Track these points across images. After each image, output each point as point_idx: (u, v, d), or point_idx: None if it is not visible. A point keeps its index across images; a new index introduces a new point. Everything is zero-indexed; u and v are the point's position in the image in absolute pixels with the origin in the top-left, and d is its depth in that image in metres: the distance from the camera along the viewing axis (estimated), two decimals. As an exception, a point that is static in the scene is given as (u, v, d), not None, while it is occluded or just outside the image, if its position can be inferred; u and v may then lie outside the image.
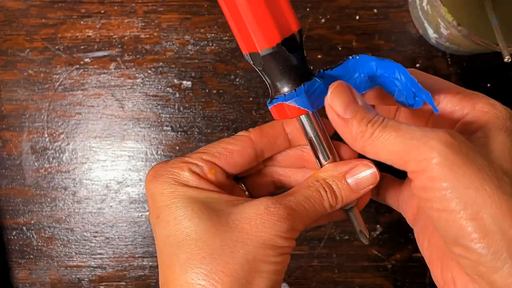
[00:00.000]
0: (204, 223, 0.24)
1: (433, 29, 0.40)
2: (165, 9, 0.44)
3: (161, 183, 0.26)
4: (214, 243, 0.24)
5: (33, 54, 0.44)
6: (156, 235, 0.26)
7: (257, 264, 0.24)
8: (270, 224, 0.24)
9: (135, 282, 0.44)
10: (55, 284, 0.44)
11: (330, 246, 0.43)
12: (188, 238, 0.24)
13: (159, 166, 0.27)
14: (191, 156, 0.27)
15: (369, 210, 0.43)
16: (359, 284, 0.43)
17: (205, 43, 0.44)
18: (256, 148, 0.28)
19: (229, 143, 0.28)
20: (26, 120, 0.44)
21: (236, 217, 0.24)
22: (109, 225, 0.44)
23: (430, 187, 0.21)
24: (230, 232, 0.24)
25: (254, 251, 0.24)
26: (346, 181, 0.27)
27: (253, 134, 0.28)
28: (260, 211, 0.24)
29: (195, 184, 0.26)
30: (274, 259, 0.24)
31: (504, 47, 0.33)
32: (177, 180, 0.26)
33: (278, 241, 0.24)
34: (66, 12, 0.44)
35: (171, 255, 0.25)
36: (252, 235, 0.24)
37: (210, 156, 0.27)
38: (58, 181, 0.44)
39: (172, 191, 0.26)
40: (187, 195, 0.26)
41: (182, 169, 0.27)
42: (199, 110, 0.43)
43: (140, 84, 0.44)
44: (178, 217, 0.25)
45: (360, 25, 0.43)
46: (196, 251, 0.24)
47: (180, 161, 0.27)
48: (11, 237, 0.44)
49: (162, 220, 0.25)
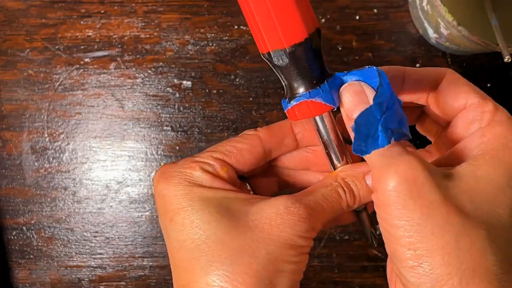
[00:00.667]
0: (223, 224, 0.24)
1: (433, 29, 0.40)
2: (165, 9, 0.44)
3: (174, 185, 0.25)
4: (236, 245, 0.23)
5: (33, 54, 0.44)
6: (170, 238, 0.25)
7: (279, 264, 0.24)
8: (291, 224, 0.24)
9: (135, 282, 0.44)
10: (55, 284, 0.44)
11: (330, 246, 0.43)
12: (208, 240, 0.24)
13: (168, 167, 0.26)
14: (201, 156, 0.27)
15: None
16: (359, 284, 0.43)
17: (205, 43, 0.44)
18: (264, 147, 0.28)
19: (238, 141, 0.27)
20: (26, 120, 0.44)
21: (255, 217, 0.24)
22: (109, 225, 0.44)
23: (380, 207, 0.23)
24: (251, 232, 0.24)
25: (276, 251, 0.24)
26: (365, 181, 0.27)
27: (261, 133, 0.28)
28: (280, 210, 0.24)
29: (209, 184, 0.26)
30: (295, 258, 0.24)
31: (504, 47, 0.33)
32: (190, 181, 0.25)
33: (299, 241, 0.24)
34: (66, 12, 0.44)
35: (189, 259, 0.24)
36: (273, 235, 0.24)
37: (220, 154, 0.27)
38: (58, 181, 0.44)
39: (187, 192, 0.25)
40: (202, 196, 0.25)
41: (194, 168, 0.26)
42: (199, 110, 0.43)
43: (140, 84, 0.44)
44: (195, 220, 0.24)
45: (360, 25, 0.43)
46: (217, 253, 0.23)
47: (191, 161, 0.26)
48: (11, 237, 0.44)
49: (176, 223, 0.25)
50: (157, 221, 0.44)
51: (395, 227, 0.22)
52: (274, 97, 0.43)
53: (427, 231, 0.21)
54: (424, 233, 0.21)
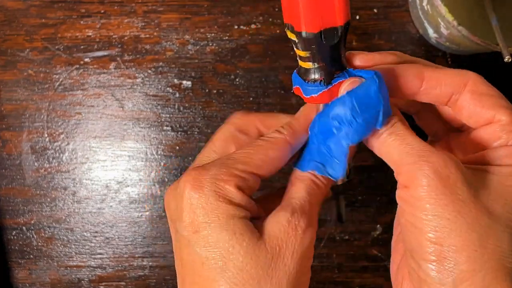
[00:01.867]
0: (245, 249, 0.24)
1: (433, 29, 0.40)
2: (165, 9, 0.44)
3: (205, 195, 0.24)
4: (258, 274, 0.24)
5: (33, 54, 0.44)
6: (192, 250, 0.25)
7: (295, 281, 0.25)
8: (299, 240, 0.25)
9: (135, 282, 0.44)
10: (55, 284, 0.44)
11: (330, 246, 0.43)
12: (232, 265, 0.24)
13: (201, 174, 0.25)
14: (236, 167, 0.25)
15: (369, 210, 0.43)
16: (359, 284, 0.43)
17: (205, 43, 0.44)
18: (292, 150, 0.28)
19: (270, 148, 0.26)
20: (26, 120, 0.44)
21: (267, 237, 0.25)
22: (109, 225, 0.44)
23: (408, 202, 0.23)
24: (270, 258, 0.24)
25: (295, 275, 0.24)
26: None
27: (288, 136, 0.27)
28: (286, 230, 0.25)
29: (238, 201, 0.25)
30: (306, 269, 0.25)
31: (504, 47, 0.33)
32: (222, 195, 0.25)
33: (308, 252, 0.25)
34: (66, 12, 0.44)
35: (211, 280, 0.24)
36: (287, 255, 0.24)
37: (256, 168, 0.26)
38: (58, 181, 0.44)
39: (216, 207, 0.24)
40: (230, 214, 0.24)
41: (229, 183, 0.25)
42: (199, 110, 0.43)
43: (140, 84, 0.44)
44: (221, 239, 0.24)
45: (360, 25, 0.43)
46: (241, 282, 0.24)
47: (227, 174, 0.25)
48: (11, 237, 0.44)
49: (202, 237, 0.24)
50: (157, 221, 0.44)
51: (423, 220, 0.22)
52: (274, 97, 0.43)
53: (456, 227, 0.21)
54: (453, 229, 0.21)
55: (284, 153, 0.27)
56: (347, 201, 0.43)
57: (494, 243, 0.21)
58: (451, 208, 0.21)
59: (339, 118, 0.23)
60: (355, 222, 0.43)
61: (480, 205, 0.22)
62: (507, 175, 0.23)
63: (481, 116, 0.25)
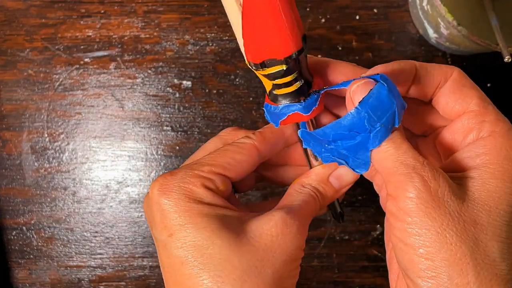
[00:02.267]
0: (227, 243, 0.24)
1: (433, 29, 0.40)
2: (165, 9, 0.44)
3: (174, 200, 0.25)
4: (242, 265, 0.24)
5: (33, 54, 0.44)
6: (169, 253, 0.25)
7: (282, 281, 0.24)
8: (290, 239, 0.25)
9: (135, 282, 0.44)
10: (55, 284, 0.44)
11: (330, 246, 0.43)
12: (213, 259, 0.24)
13: (168, 179, 0.26)
14: (201, 169, 0.26)
15: (369, 210, 0.43)
16: (359, 284, 0.43)
17: (205, 43, 0.44)
18: (260, 155, 0.28)
19: (237, 152, 0.27)
20: (26, 120, 0.44)
21: (255, 234, 0.25)
22: (109, 225, 0.44)
23: (397, 216, 0.22)
24: (255, 251, 0.24)
25: (280, 269, 0.24)
26: (331, 183, 0.28)
27: (257, 142, 0.28)
28: (279, 225, 0.25)
29: (208, 201, 0.25)
30: (294, 272, 0.25)
31: (504, 47, 0.33)
32: (191, 197, 0.25)
33: (297, 254, 0.25)
34: (66, 12, 0.44)
35: (193, 277, 0.24)
36: (276, 253, 0.24)
37: (221, 169, 0.26)
38: (58, 181, 0.44)
39: (187, 209, 0.25)
40: (202, 213, 0.25)
41: (195, 185, 0.25)
42: (199, 110, 0.43)
43: (140, 84, 0.44)
44: (198, 238, 0.24)
45: (360, 25, 0.43)
46: (224, 273, 0.24)
47: (192, 175, 0.26)
48: (11, 237, 0.44)
49: (177, 239, 0.25)
50: (157, 221, 0.44)
51: (413, 236, 0.22)
52: (274, 97, 0.43)
53: (446, 241, 0.21)
54: (443, 242, 0.21)
55: (251, 157, 0.27)
56: (347, 201, 0.43)
57: (485, 253, 0.21)
58: (440, 221, 0.21)
59: (358, 129, 0.23)
60: (355, 222, 0.43)
61: (467, 216, 0.22)
62: (488, 178, 0.23)
63: (458, 104, 0.25)
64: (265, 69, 0.24)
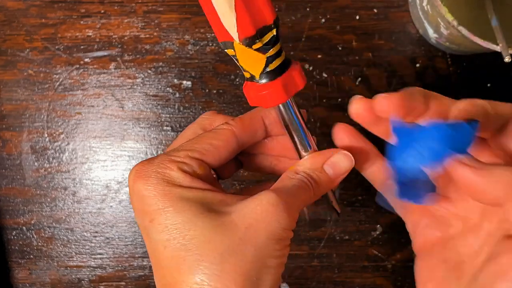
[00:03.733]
0: (210, 224, 0.24)
1: (433, 29, 0.40)
2: (165, 9, 0.44)
3: (152, 185, 0.25)
4: (225, 244, 0.24)
5: (33, 54, 0.44)
6: (151, 239, 0.25)
7: (266, 260, 0.24)
8: (276, 218, 0.24)
9: (135, 282, 0.44)
10: (55, 284, 0.44)
11: (330, 246, 0.43)
12: (196, 240, 0.24)
13: (145, 166, 0.26)
14: (177, 155, 0.26)
15: (369, 210, 0.43)
16: (359, 284, 0.43)
17: (205, 43, 0.44)
18: (239, 142, 0.28)
19: (214, 138, 0.27)
20: (26, 120, 0.44)
21: (240, 214, 0.24)
22: (109, 225, 0.44)
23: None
24: (238, 230, 0.24)
25: (263, 248, 0.24)
26: (325, 170, 0.28)
27: (235, 127, 0.28)
28: (264, 206, 0.24)
29: (187, 184, 0.25)
30: (279, 252, 0.25)
31: (504, 47, 0.33)
32: (169, 181, 0.25)
33: (283, 234, 0.25)
34: (66, 12, 0.44)
35: (176, 258, 0.24)
36: (260, 231, 0.24)
37: (198, 154, 0.27)
38: (58, 181, 0.44)
39: (166, 193, 0.25)
40: (182, 197, 0.25)
41: (171, 169, 0.26)
42: (199, 110, 0.43)
43: (140, 84, 0.44)
44: (179, 221, 0.24)
45: (360, 25, 0.43)
46: (206, 252, 0.23)
47: (168, 160, 0.26)
48: (11, 237, 0.44)
49: (158, 224, 0.25)
50: (157, 221, 0.44)
51: None
52: (274, 97, 0.43)
53: None
54: None
55: (229, 143, 0.27)
56: (347, 201, 0.43)
57: None
58: None
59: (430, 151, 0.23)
60: (355, 222, 0.43)
61: None
62: None
63: None
64: (262, 39, 0.24)
